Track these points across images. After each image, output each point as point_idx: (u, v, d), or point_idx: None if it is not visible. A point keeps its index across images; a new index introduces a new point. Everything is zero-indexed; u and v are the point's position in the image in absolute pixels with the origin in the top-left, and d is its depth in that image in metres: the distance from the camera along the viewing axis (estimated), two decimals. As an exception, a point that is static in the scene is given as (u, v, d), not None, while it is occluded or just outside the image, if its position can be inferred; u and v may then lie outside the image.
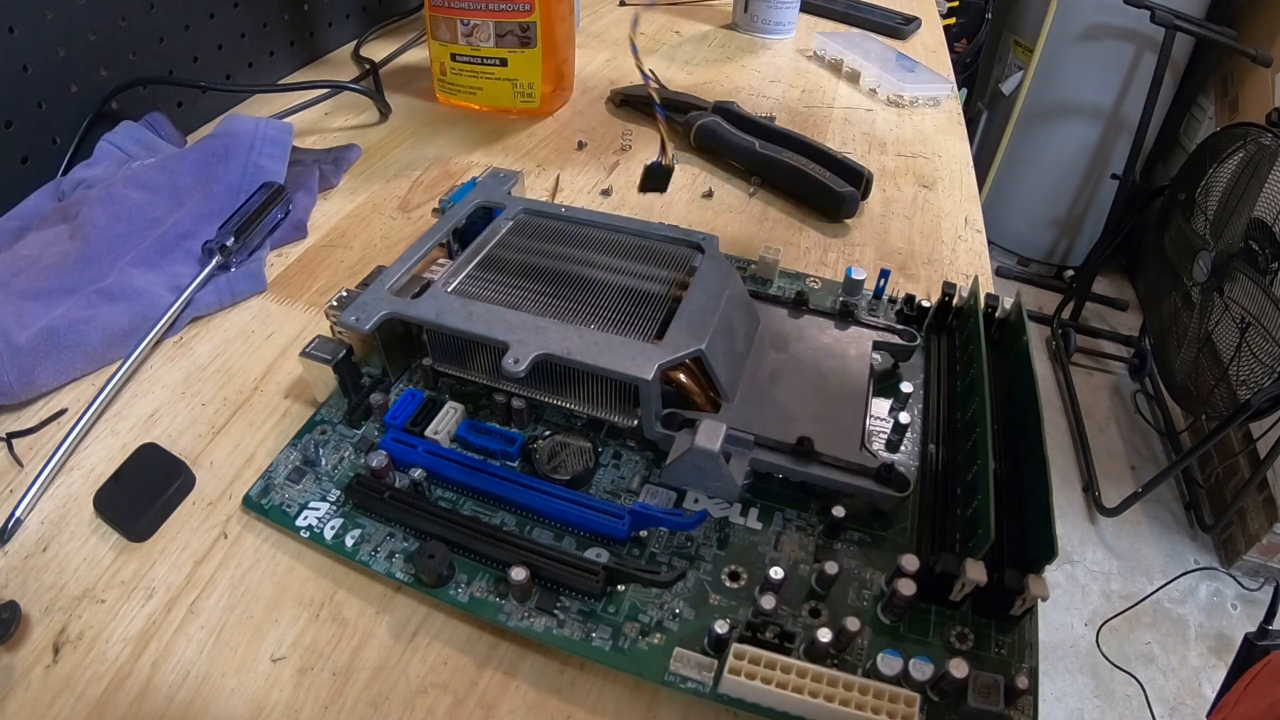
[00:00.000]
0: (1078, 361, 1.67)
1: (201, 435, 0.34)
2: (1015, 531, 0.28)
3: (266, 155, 0.45)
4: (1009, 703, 0.23)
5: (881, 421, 0.33)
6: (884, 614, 0.26)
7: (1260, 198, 0.99)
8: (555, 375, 0.31)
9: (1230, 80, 1.57)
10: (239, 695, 0.25)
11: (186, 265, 0.40)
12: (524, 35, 0.56)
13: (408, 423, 0.32)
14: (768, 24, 0.80)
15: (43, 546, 0.29)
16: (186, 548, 0.29)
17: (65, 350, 0.35)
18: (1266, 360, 0.97)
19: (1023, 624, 0.26)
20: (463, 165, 0.54)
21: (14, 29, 0.42)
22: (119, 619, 0.27)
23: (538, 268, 0.35)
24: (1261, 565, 1.27)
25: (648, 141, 0.58)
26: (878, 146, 0.59)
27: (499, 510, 0.30)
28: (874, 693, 0.23)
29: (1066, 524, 1.36)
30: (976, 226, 0.51)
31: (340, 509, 0.30)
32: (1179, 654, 1.19)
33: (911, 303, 0.38)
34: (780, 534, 0.29)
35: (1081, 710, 1.10)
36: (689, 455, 0.28)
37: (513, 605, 0.27)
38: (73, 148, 0.48)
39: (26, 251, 0.39)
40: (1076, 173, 1.71)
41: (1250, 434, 1.27)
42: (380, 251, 0.45)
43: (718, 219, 0.50)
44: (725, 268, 0.34)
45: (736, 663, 0.23)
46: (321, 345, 0.32)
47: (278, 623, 0.27)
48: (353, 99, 0.62)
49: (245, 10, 0.59)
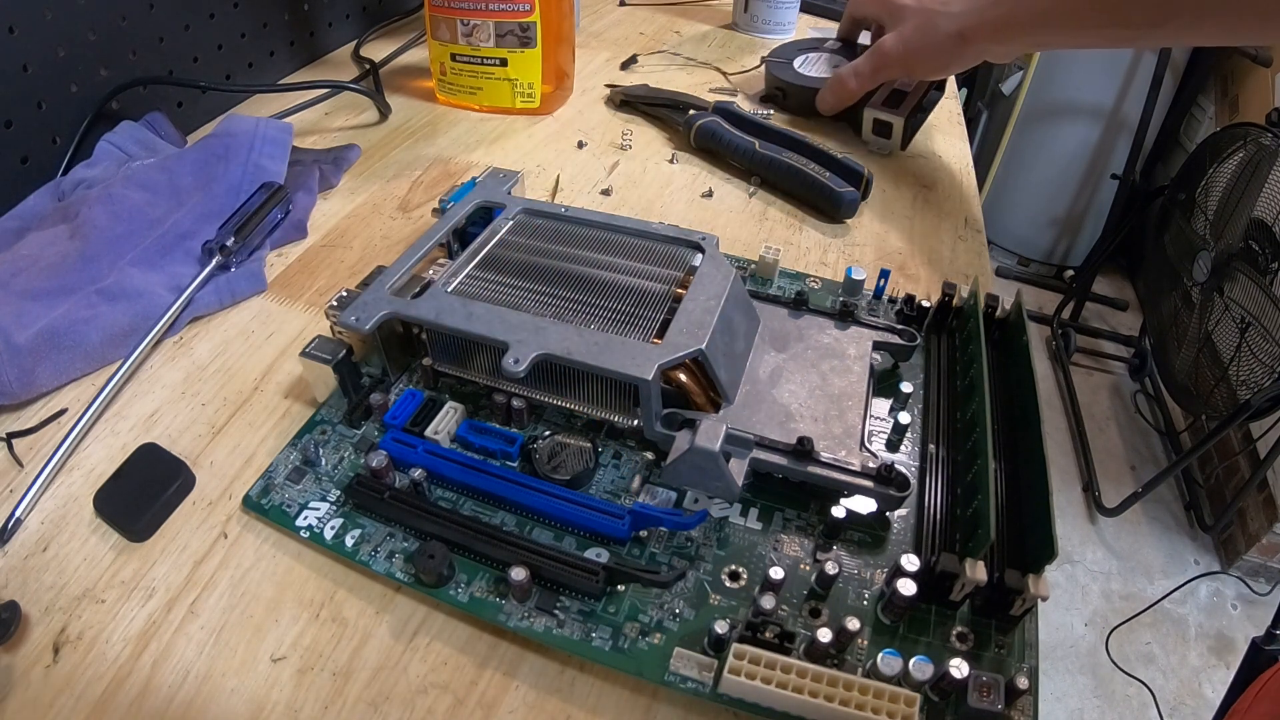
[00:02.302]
0: (1078, 361, 1.67)
1: (201, 435, 0.34)
2: (1015, 531, 0.28)
3: (266, 155, 0.45)
4: (1009, 703, 0.23)
5: (881, 421, 0.33)
6: (884, 614, 0.26)
7: (1260, 198, 1.00)
8: (555, 375, 0.31)
9: (1230, 80, 1.57)
10: (239, 695, 0.25)
11: (186, 265, 0.40)
12: (524, 35, 0.56)
13: (408, 423, 0.32)
14: (768, 24, 0.80)
15: (43, 546, 0.29)
16: (186, 548, 0.29)
17: (65, 350, 0.35)
18: (1266, 360, 0.97)
19: (1023, 624, 0.26)
20: (463, 165, 0.54)
21: (14, 29, 0.42)
22: (119, 619, 0.27)
23: (538, 268, 0.35)
24: (1262, 565, 1.27)
25: (648, 141, 0.58)
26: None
27: (499, 510, 0.30)
28: (874, 693, 0.23)
29: (1066, 524, 1.36)
30: (976, 226, 0.51)
31: (340, 509, 0.30)
32: (1179, 654, 1.18)
33: (911, 303, 0.38)
34: (780, 534, 0.29)
35: (1081, 710, 1.10)
36: (689, 455, 0.28)
37: (513, 605, 0.27)
38: (73, 148, 0.48)
39: (26, 251, 0.39)
40: (1076, 173, 1.71)
41: (1250, 434, 1.27)
42: (380, 251, 0.45)
43: (718, 219, 0.50)
44: (725, 268, 0.34)
45: (736, 663, 0.23)
46: (321, 345, 0.32)
47: (278, 623, 0.27)
48: (353, 99, 0.62)
49: (245, 10, 0.59)
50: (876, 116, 0.56)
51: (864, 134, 0.57)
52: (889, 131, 0.56)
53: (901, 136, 0.56)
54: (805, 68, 0.62)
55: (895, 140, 0.56)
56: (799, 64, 0.63)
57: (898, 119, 0.55)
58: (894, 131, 0.56)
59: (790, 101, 0.62)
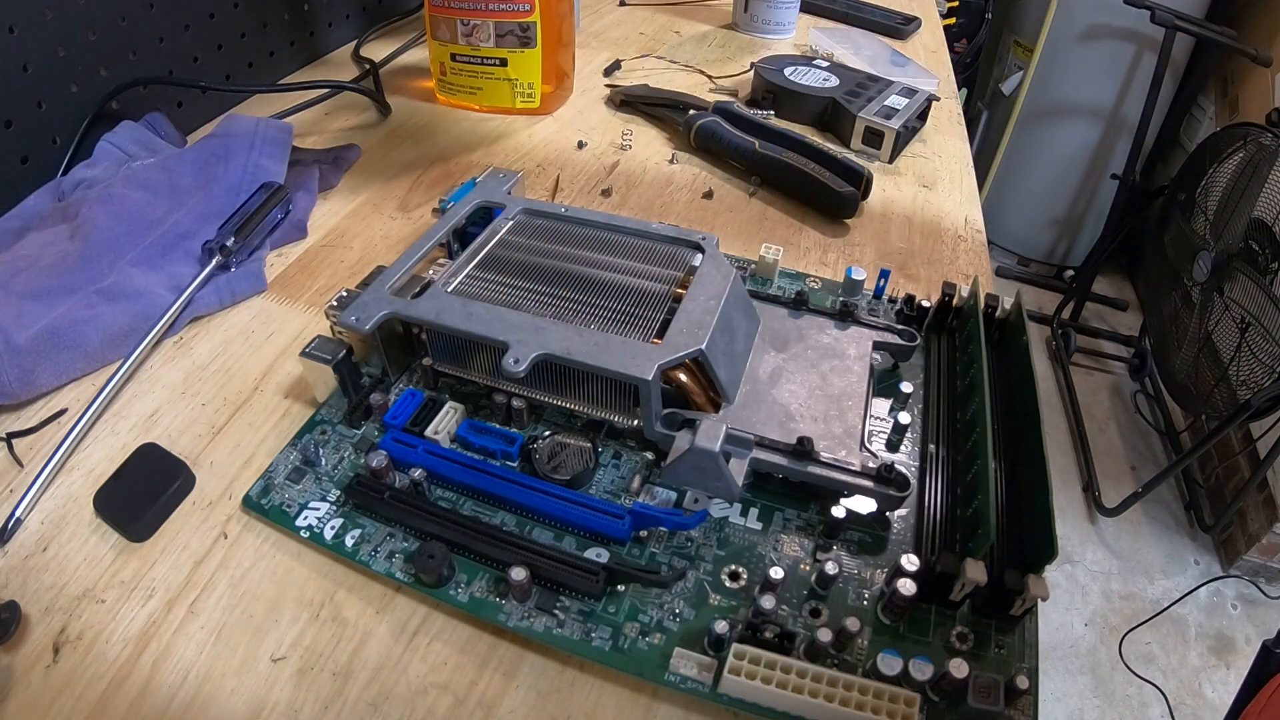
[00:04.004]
0: (1078, 361, 1.67)
1: (201, 435, 0.34)
2: (1015, 531, 0.28)
3: (266, 155, 0.45)
4: (1009, 703, 0.23)
5: (881, 421, 0.33)
6: (884, 614, 0.26)
7: (1260, 198, 0.99)
8: (555, 375, 0.31)
9: (1230, 80, 1.57)
10: (239, 695, 0.25)
11: (186, 265, 0.40)
12: (524, 35, 0.56)
13: (408, 423, 0.32)
14: (768, 24, 0.80)
15: (43, 546, 0.29)
16: (186, 548, 0.29)
17: (65, 350, 0.35)
18: (1266, 360, 0.97)
19: (1023, 624, 0.26)
20: (463, 165, 0.54)
21: (14, 29, 0.42)
22: (119, 619, 0.27)
23: (538, 268, 0.35)
24: (1262, 565, 1.27)
25: (648, 141, 0.58)
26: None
27: (499, 510, 0.30)
28: (874, 693, 0.23)
29: (1066, 524, 1.36)
30: (976, 226, 0.51)
31: (340, 509, 0.30)
32: (1179, 654, 1.18)
33: (911, 303, 0.38)
34: (780, 534, 0.29)
35: (1081, 710, 1.10)
36: (689, 455, 0.28)
37: (513, 605, 0.27)
38: (73, 148, 0.48)
39: (26, 251, 0.39)
40: (1076, 173, 1.71)
41: (1250, 434, 1.27)
42: (380, 251, 0.45)
43: (718, 219, 0.50)
44: (725, 268, 0.34)
45: (736, 663, 0.23)
46: (321, 345, 0.32)
47: (278, 623, 0.27)
48: (353, 99, 0.62)
49: (245, 10, 0.59)
50: (869, 125, 0.55)
51: (853, 143, 0.57)
52: (879, 141, 0.55)
53: (892, 148, 0.55)
54: (796, 77, 0.62)
55: (885, 150, 0.56)
56: (789, 74, 0.63)
57: (890, 129, 0.54)
58: (884, 142, 0.55)
59: (780, 105, 0.62)
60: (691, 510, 0.30)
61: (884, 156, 0.56)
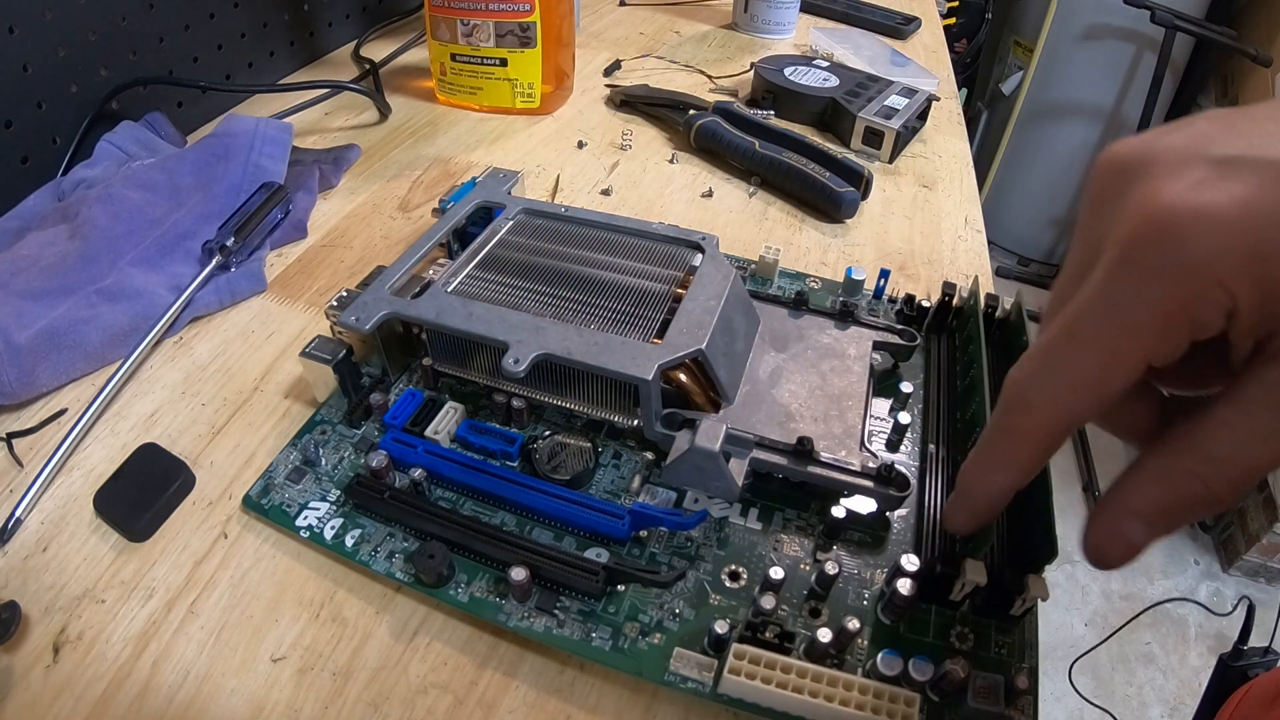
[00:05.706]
0: (1078, 361, 1.67)
1: (201, 435, 0.34)
2: (1015, 531, 0.28)
3: (266, 155, 0.45)
4: (1009, 703, 0.23)
5: (881, 421, 0.33)
6: (884, 614, 0.26)
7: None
8: (555, 375, 0.31)
9: (1230, 80, 1.57)
10: (239, 695, 0.25)
11: (186, 265, 0.40)
12: (524, 35, 0.56)
13: (408, 423, 0.32)
14: (768, 24, 0.80)
15: (43, 546, 0.29)
16: (186, 548, 0.29)
17: (65, 350, 0.35)
18: (1266, 360, 0.97)
19: (1023, 624, 0.26)
20: (463, 165, 0.54)
21: (14, 29, 0.42)
22: (119, 619, 0.27)
23: (538, 268, 0.35)
24: (1262, 565, 1.27)
25: (648, 141, 0.58)
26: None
27: (499, 510, 0.30)
28: (874, 693, 0.23)
29: (1066, 524, 1.34)
30: (976, 226, 0.51)
31: (340, 509, 0.30)
32: (1179, 654, 1.18)
33: (911, 303, 0.38)
34: (780, 534, 0.29)
35: (1081, 710, 1.10)
36: (689, 455, 0.28)
37: (513, 605, 0.27)
38: (73, 148, 0.48)
39: (26, 251, 0.39)
40: (1076, 173, 1.71)
41: (1250, 434, 1.27)
42: (380, 251, 0.45)
43: (718, 219, 0.50)
44: (725, 268, 0.34)
45: (736, 663, 0.23)
46: (321, 345, 0.32)
47: (278, 623, 0.27)
48: (353, 99, 0.62)
49: (245, 10, 0.59)
50: (869, 125, 0.55)
51: (853, 143, 0.57)
52: (879, 142, 0.55)
53: (892, 148, 0.55)
54: (796, 77, 0.62)
55: (885, 151, 0.55)
56: (789, 74, 0.63)
57: (890, 129, 0.54)
58: (884, 142, 0.55)
59: (780, 105, 0.62)
60: (691, 510, 0.30)
61: (884, 156, 0.56)
